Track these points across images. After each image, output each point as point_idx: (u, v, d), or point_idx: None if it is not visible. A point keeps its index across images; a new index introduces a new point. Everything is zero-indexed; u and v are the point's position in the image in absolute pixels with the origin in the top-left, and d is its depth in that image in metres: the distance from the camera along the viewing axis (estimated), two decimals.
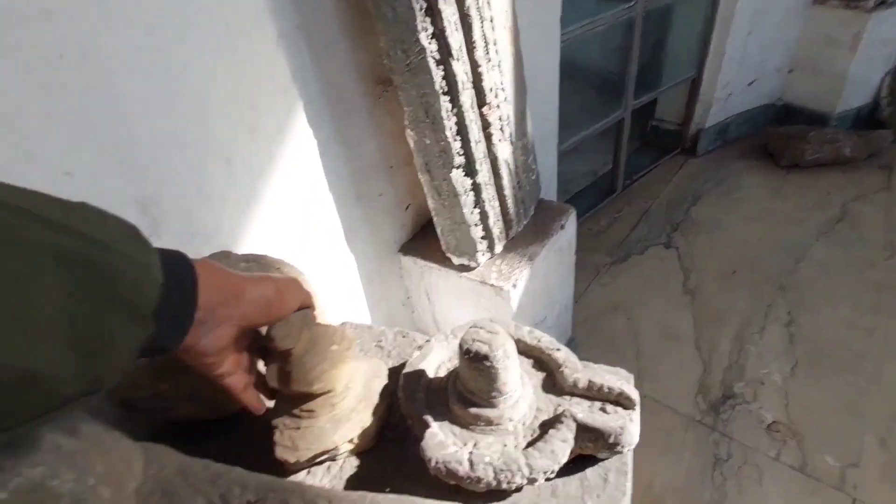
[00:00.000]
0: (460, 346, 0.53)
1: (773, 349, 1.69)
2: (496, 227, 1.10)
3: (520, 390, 0.57)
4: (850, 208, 2.21)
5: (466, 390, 0.55)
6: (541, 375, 0.62)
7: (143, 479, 0.37)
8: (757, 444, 1.44)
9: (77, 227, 0.26)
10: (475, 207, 1.04)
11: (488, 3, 0.90)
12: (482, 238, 1.09)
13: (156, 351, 0.33)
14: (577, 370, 0.59)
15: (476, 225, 1.06)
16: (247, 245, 0.81)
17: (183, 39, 0.65)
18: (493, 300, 1.10)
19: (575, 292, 1.97)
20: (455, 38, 0.85)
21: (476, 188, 1.02)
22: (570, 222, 1.27)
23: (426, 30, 0.81)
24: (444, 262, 1.16)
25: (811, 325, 1.74)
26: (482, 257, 1.11)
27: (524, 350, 0.66)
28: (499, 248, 1.14)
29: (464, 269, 1.13)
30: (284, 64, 0.79)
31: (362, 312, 1.16)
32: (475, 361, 0.51)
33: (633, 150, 2.97)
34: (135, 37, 0.60)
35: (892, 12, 2.34)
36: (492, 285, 1.08)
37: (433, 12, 0.81)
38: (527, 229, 1.22)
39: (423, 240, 1.22)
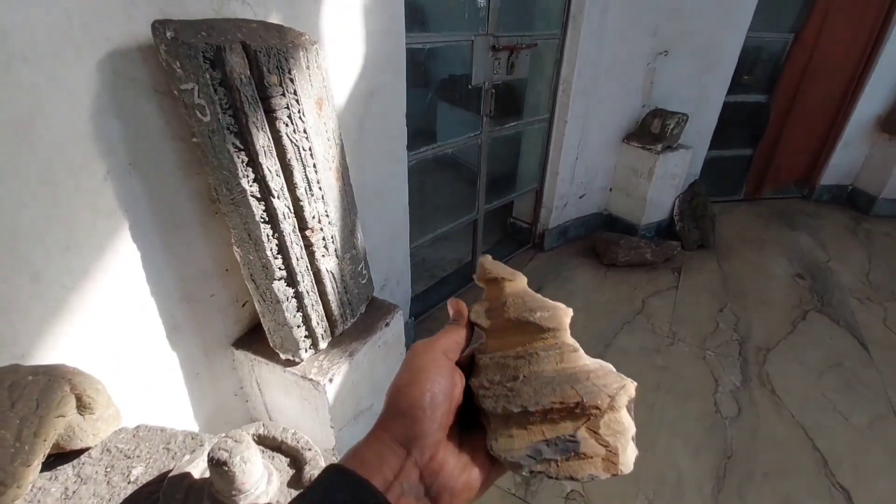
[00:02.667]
0: (208, 453, 0.66)
1: None
2: (319, 327, 1.27)
3: (262, 487, 0.71)
4: (648, 303, 2.78)
5: (215, 490, 0.68)
6: (291, 472, 0.77)
7: None
8: None
9: None
10: (298, 312, 1.20)
11: (311, 152, 1.14)
12: (305, 337, 1.24)
13: None
14: (317, 467, 0.75)
15: (298, 326, 1.21)
16: (51, 353, 0.87)
17: (2, 180, 0.76)
18: (311, 392, 1.24)
19: None
20: (276, 182, 1.05)
21: (298, 296, 1.19)
22: (396, 320, 1.48)
23: (247, 176, 1.01)
24: (273, 356, 1.28)
25: None
26: (305, 354, 1.25)
27: (286, 450, 0.81)
28: (323, 345, 1.30)
29: (289, 363, 1.27)
30: (112, 195, 0.92)
31: (184, 407, 1.21)
32: (217, 466, 0.65)
33: (497, 240, 3.43)
34: None
35: (674, 154, 3.13)
36: (310, 380, 1.22)
37: (255, 164, 1.01)
38: (354, 327, 1.40)
39: (257, 334, 1.34)
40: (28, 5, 0.78)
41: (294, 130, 1.08)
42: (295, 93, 1.06)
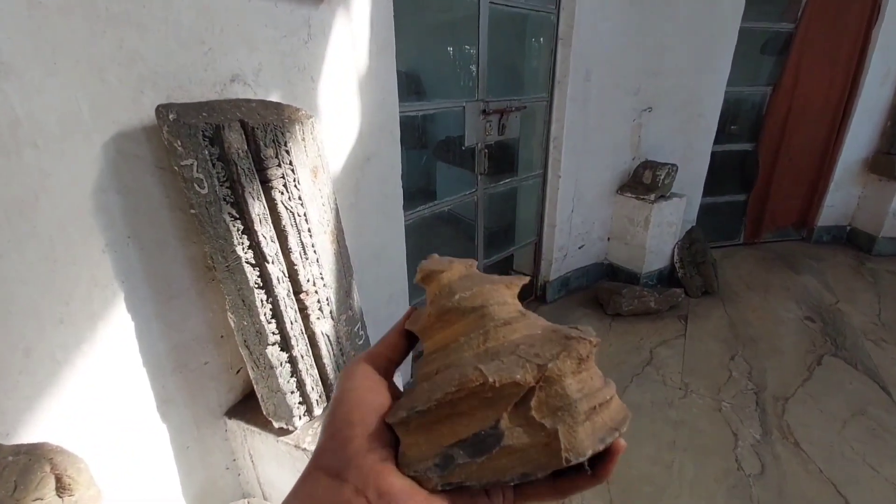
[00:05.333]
0: None
1: (592, 489, 1.89)
2: (314, 392, 1.24)
3: None
4: (656, 353, 2.71)
5: None
6: None
7: None
8: None
9: None
10: (292, 377, 1.18)
11: (306, 218, 1.17)
12: (299, 403, 1.21)
13: None
14: None
15: (293, 392, 1.18)
16: (36, 429, 0.85)
17: (3, 257, 0.79)
18: (304, 463, 1.18)
19: None
20: (270, 248, 1.08)
21: (292, 360, 1.17)
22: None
23: (242, 244, 1.03)
24: (266, 425, 1.24)
25: (623, 463, 2.00)
26: (299, 421, 1.21)
27: None
28: (318, 411, 1.26)
29: (283, 432, 1.22)
30: (109, 266, 0.94)
31: (172, 483, 1.16)
32: None
33: None
34: None
35: (668, 203, 3.18)
36: (304, 449, 1.17)
37: (250, 231, 1.04)
38: None
39: (250, 402, 1.30)
40: (42, 94, 0.84)
41: (289, 198, 1.12)
42: (290, 163, 1.12)
